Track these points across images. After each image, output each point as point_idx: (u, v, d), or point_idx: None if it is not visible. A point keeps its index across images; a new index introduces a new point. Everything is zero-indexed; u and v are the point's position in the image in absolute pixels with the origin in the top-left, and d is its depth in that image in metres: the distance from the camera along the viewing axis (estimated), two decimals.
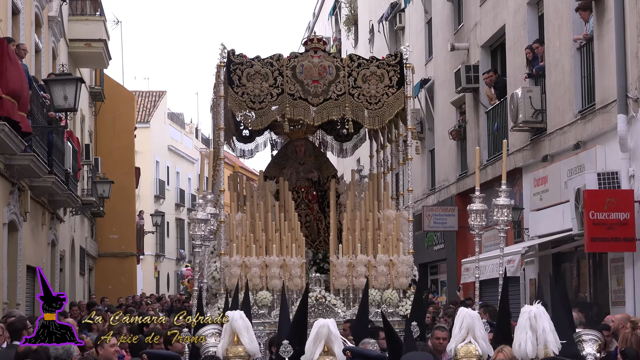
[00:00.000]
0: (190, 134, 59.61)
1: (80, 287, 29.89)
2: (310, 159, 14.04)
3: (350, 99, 12.65)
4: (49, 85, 18.18)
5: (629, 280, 14.90)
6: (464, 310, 8.02)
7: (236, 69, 12.59)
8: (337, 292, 12.32)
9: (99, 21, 28.65)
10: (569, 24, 16.92)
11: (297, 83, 12.62)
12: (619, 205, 14.61)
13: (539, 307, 7.87)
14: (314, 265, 13.01)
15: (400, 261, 12.38)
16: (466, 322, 7.90)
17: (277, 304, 11.93)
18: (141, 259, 42.15)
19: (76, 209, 26.01)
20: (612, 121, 15.02)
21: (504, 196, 10.17)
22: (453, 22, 24.10)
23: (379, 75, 12.73)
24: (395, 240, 12.48)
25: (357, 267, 12.28)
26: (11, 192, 17.20)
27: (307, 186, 13.86)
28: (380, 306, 12.16)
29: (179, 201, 55.69)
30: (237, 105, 12.56)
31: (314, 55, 12.77)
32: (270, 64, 12.64)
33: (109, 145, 34.21)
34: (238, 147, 14.83)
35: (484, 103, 21.50)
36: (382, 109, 12.71)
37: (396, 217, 12.61)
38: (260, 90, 12.55)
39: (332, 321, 7.79)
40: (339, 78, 12.68)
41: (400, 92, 12.75)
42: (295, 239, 12.33)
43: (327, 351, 7.65)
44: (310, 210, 13.74)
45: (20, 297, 17.78)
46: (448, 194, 24.45)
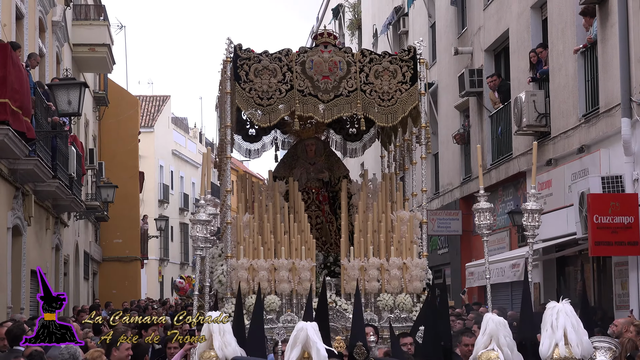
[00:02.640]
0: (194, 138, 59.62)
1: (84, 292, 29.88)
2: (321, 159, 13.58)
3: (362, 96, 12.15)
4: (53, 89, 18.19)
5: (633, 284, 14.87)
6: (488, 316, 7.70)
7: (243, 64, 12.06)
8: (348, 296, 11.86)
9: (103, 26, 28.69)
10: (573, 27, 16.91)
11: (306, 79, 12.11)
12: (623, 209, 14.60)
13: (565, 304, 7.54)
14: (325, 268, 12.66)
15: (414, 264, 11.93)
16: (489, 328, 7.57)
17: (285, 309, 11.64)
18: (145, 264, 42.14)
19: (80, 213, 26.02)
20: (616, 125, 15.00)
21: (533, 200, 9.86)
22: (457, 26, 24.10)
23: (391, 71, 12.27)
24: (409, 243, 12.05)
25: (369, 271, 11.83)
26: (15, 196, 17.20)
27: (317, 187, 13.41)
28: (394, 311, 11.79)
29: (183, 206, 55.69)
30: (245, 101, 12.02)
31: (324, 50, 12.27)
32: (279, 59, 12.12)
33: (113, 150, 34.23)
34: (244, 146, 14.23)
35: (487, 107, 21.49)
36: (394, 105, 12.21)
37: (410, 219, 12.18)
38: (268, 86, 12.04)
39: (313, 325, 7.21)
40: (350, 74, 12.18)
41: (413, 89, 12.29)
42: (305, 241, 11.91)
43: (307, 357, 7.07)
44: (321, 212, 13.31)
45: (25, 302, 17.78)
46: (452, 198, 24.44)
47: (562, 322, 7.42)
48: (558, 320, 7.42)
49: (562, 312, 7.47)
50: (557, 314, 7.46)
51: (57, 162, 18.86)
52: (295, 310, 11.68)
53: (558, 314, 7.46)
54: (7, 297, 16.55)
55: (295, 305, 11.72)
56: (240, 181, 12.98)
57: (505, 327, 7.61)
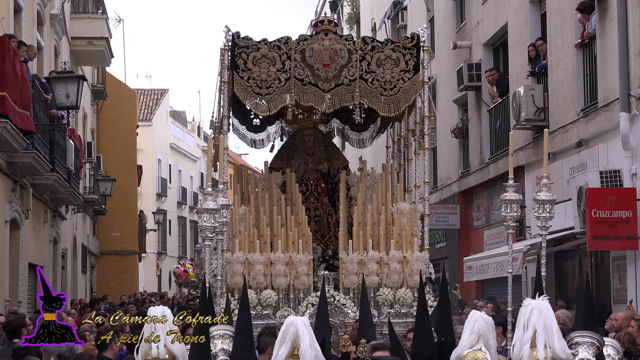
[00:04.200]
0: (192, 132, 59.60)
1: (82, 285, 29.89)
2: (319, 150, 13.21)
3: (363, 85, 11.82)
4: (51, 83, 18.18)
5: (631, 278, 14.88)
6: (477, 314, 7.18)
7: (241, 53, 11.77)
8: (347, 291, 11.55)
9: (101, 19, 28.65)
10: (572, 22, 16.89)
11: (306, 67, 11.79)
12: (621, 204, 14.59)
13: (541, 301, 6.96)
14: (323, 262, 12.30)
15: (415, 258, 11.59)
16: (479, 327, 7.03)
17: (282, 304, 11.38)
18: (143, 257, 42.15)
19: (78, 206, 26.01)
20: (615, 119, 15.00)
21: (545, 190, 9.47)
22: (455, 20, 24.08)
23: (394, 59, 11.90)
24: (410, 236, 11.71)
25: (368, 265, 11.48)
26: (13, 189, 17.19)
27: (316, 178, 13.04)
28: (394, 306, 11.47)
29: (181, 199, 55.67)
30: (243, 90, 11.75)
31: (325, 38, 11.91)
32: (278, 47, 11.81)
33: (111, 143, 34.20)
34: (248, 137, 13.88)
35: (486, 101, 21.48)
36: (397, 95, 11.86)
37: (410, 211, 11.85)
38: (267, 75, 11.74)
39: (304, 319, 6.86)
40: (352, 62, 11.83)
41: (416, 78, 11.91)
42: (302, 234, 11.59)
43: (297, 355, 6.68)
44: (320, 204, 12.94)
45: (22, 295, 17.77)
46: (450, 192, 24.45)
47: (533, 322, 6.90)
48: (529, 320, 6.92)
49: (536, 311, 6.91)
50: (531, 312, 6.95)
51: (55, 156, 18.84)
52: (292, 305, 11.42)
53: (531, 312, 6.94)
54: (5, 290, 16.55)
55: (292, 300, 11.47)
56: (236, 173, 12.69)
57: (494, 329, 7.15)
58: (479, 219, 22.73)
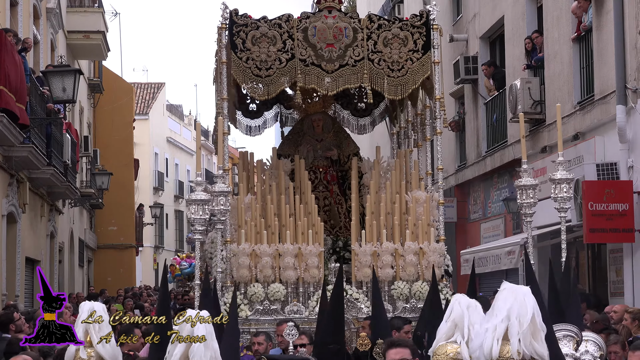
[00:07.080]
0: (189, 125, 59.54)
1: (79, 279, 29.89)
2: (329, 135, 12.49)
3: (369, 65, 11.09)
4: (48, 76, 18.15)
5: (627, 271, 14.89)
6: (456, 297, 5.88)
7: (240, 31, 11.05)
8: (359, 284, 10.86)
9: (98, 13, 28.59)
10: (568, 15, 16.88)
11: (309, 47, 11.08)
12: (618, 196, 14.60)
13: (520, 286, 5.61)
14: (334, 254, 11.59)
15: (432, 249, 10.87)
16: (455, 313, 5.75)
17: (291, 298, 10.74)
18: (140, 251, 42.14)
19: (75, 200, 26.00)
20: (611, 112, 15.00)
21: (562, 169, 9.41)
22: (452, 13, 24.06)
23: (402, 38, 11.21)
24: (426, 226, 11.00)
25: (382, 257, 10.81)
26: (10, 183, 17.18)
27: (325, 165, 12.37)
28: (409, 300, 10.79)
29: (178, 193, 55.64)
30: (242, 72, 10.99)
31: (328, 16, 11.20)
32: (279, 25, 11.10)
33: (107, 137, 34.17)
34: (244, 123, 13.06)
35: (482, 94, 21.48)
36: (405, 76, 11.16)
37: (426, 200, 11.16)
38: (267, 55, 11.01)
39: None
40: (357, 41, 11.13)
41: (426, 58, 11.22)
42: (312, 224, 10.89)
43: None
44: (330, 193, 12.24)
45: (19, 289, 17.77)
46: (447, 185, 24.42)
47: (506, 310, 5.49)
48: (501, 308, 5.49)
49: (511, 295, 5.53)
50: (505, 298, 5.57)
51: (52, 150, 18.83)
52: (302, 299, 10.79)
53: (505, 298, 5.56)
54: (2, 284, 16.55)
55: (301, 295, 10.82)
56: (241, 160, 12.00)
57: (475, 312, 5.74)
58: (475, 212, 22.73)
